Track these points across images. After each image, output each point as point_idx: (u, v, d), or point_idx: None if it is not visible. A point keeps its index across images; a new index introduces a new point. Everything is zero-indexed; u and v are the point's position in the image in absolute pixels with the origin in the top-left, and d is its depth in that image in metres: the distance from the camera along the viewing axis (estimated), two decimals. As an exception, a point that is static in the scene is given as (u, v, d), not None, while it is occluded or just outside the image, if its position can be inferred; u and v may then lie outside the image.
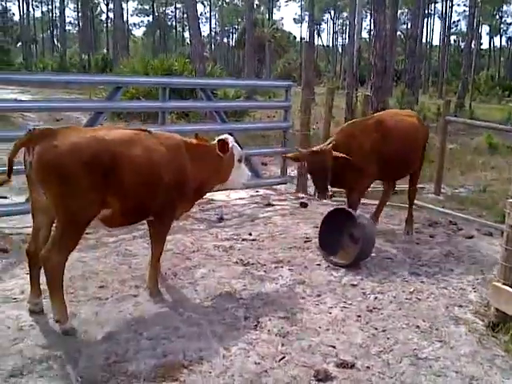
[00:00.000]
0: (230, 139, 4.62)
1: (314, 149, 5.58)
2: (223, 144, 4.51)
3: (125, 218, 4.07)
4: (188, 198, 4.43)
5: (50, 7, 79.86)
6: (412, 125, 6.23)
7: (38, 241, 3.83)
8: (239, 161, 4.71)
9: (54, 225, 3.79)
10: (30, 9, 73.25)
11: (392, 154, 5.83)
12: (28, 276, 4.00)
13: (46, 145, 3.52)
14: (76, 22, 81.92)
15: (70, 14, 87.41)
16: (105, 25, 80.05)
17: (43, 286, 3.77)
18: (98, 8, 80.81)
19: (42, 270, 3.70)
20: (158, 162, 4.01)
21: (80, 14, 67.50)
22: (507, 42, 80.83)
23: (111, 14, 61.79)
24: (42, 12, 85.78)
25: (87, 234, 5.89)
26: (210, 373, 3.30)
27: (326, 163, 5.41)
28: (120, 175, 3.75)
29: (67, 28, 78.63)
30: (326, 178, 5.51)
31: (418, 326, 4.05)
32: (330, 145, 5.52)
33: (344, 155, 5.39)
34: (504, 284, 3.97)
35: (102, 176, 3.65)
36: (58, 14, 64.90)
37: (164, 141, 4.19)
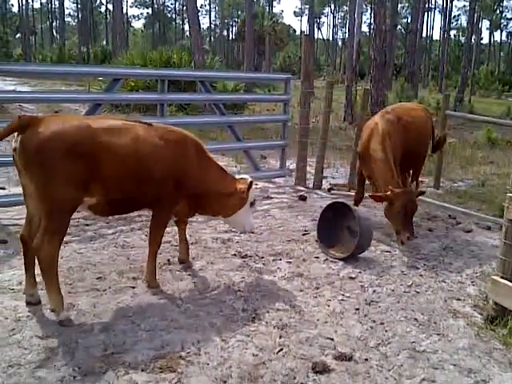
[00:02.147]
0: (250, 181, 4.57)
1: (407, 189, 5.53)
2: (250, 184, 4.52)
3: (112, 208, 4.04)
4: (188, 202, 4.42)
5: (49, -2, 79.55)
6: (424, 118, 6.45)
7: (31, 227, 3.81)
8: (251, 204, 4.67)
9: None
10: (30, 0, 72.95)
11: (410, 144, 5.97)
12: (21, 266, 3.98)
13: (30, 132, 3.51)
14: (75, 14, 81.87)
15: (70, 5, 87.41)
16: (104, 16, 79.84)
17: (39, 276, 3.76)
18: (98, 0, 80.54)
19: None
20: (147, 154, 3.94)
21: (79, 6, 67.24)
22: (507, 36, 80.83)
23: (110, 6, 61.62)
24: (41, 3, 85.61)
25: (86, 225, 5.90)
26: (208, 364, 3.30)
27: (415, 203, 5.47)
28: (102, 164, 3.70)
29: (66, 19, 78.67)
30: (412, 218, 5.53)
31: (416, 319, 4.05)
32: (415, 185, 5.63)
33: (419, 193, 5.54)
34: (502, 278, 3.96)
35: (84, 164, 3.60)
36: (58, 5, 64.76)
37: (164, 134, 4.12)
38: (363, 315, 4.09)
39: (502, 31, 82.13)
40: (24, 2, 63.84)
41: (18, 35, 69.71)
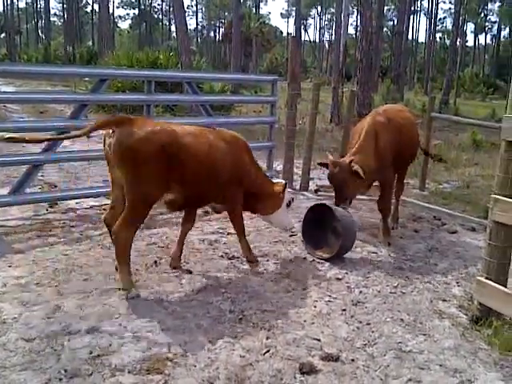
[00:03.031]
0: (285, 183, 5.26)
1: (336, 160, 5.53)
2: (285, 186, 5.16)
3: (186, 203, 4.55)
4: (246, 195, 4.89)
5: (34, -2, 78.87)
6: (412, 120, 6.47)
7: (113, 212, 4.27)
8: (287, 205, 5.21)
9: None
10: (14, -1, 72.24)
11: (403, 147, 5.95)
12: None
13: (125, 130, 3.97)
14: (61, 14, 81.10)
15: (55, 5, 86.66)
16: (90, 17, 79.35)
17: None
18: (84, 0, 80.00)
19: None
20: (216, 157, 4.47)
21: (65, 6, 66.71)
22: (492, 39, 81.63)
23: (96, 6, 61.21)
24: (27, 2, 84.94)
25: (72, 227, 5.86)
26: (195, 366, 3.29)
27: (344, 177, 5.36)
28: (184, 165, 4.19)
29: (52, 19, 77.91)
30: (342, 190, 5.48)
31: (402, 320, 4.08)
32: (350, 158, 5.40)
33: (360, 172, 5.24)
34: (487, 278, 4.00)
35: (168, 163, 4.09)
36: (43, 4, 64.20)
37: (225, 137, 4.67)
38: (350, 316, 4.10)
39: (486, 34, 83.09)
40: (9, 2, 63.24)
41: (3, 35, 69.09)
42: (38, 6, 78.69)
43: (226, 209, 4.94)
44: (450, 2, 70.49)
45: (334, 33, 42.75)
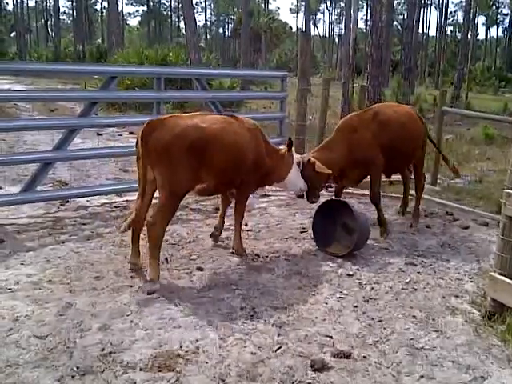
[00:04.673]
0: (290, 141, 5.35)
1: (302, 156, 5.58)
2: (290, 143, 5.28)
3: (215, 190, 4.91)
4: (259, 179, 5.12)
5: (44, -4, 79.17)
6: (409, 115, 6.23)
7: (142, 205, 4.48)
8: (298, 164, 5.33)
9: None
10: (24, -2, 72.62)
11: (391, 144, 5.83)
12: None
13: (159, 133, 4.26)
14: (70, 12, 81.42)
15: (64, 3, 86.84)
16: (99, 14, 79.53)
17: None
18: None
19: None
20: (242, 144, 4.72)
21: (74, 4, 66.96)
22: (503, 32, 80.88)
23: (106, 4, 61.30)
24: (36, 1, 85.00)
25: (83, 224, 5.88)
26: (207, 363, 3.29)
27: (305, 172, 5.42)
28: (212, 156, 4.45)
29: (61, 18, 78.18)
30: (309, 184, 5.49)
31: (414, 316, 4.05)
32: (310, 156, 5.54)
33: (317, 166, 5.36)
34: (500, 274, 3.97)
35: (199, 157, 4.36)
36: (52, 3, 64.41)
37: (246, 125, 4.90)
38: (361, 312, 4.08)
39: (498, 27, 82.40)
40: (19, 1, 63.59)
41: (13, 34, 69.46)
42: (48, 4, 78.98)
43: (238, 193, 5.10)
44: (461, -5, 69.91)
45: (343, 27, 42.57)
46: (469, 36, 36.40)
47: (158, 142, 4.24)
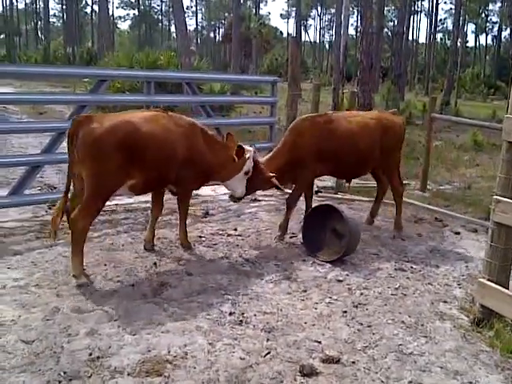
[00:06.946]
0: (251, 152, 5.30)
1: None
2: (240, 151, 5.20)
3: (147, 186, 4.83)
4: (199, 175, 5.14)
5: (34, -1, 78.82)
6: (365, 125, 6.09)
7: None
8: (245, 173, 5.31)
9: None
10: (14, 0, 72.29)
11: (340, 151, 5.84)
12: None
13: (87, 129, 4.25)
14: (60, 15, 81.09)
15: (54, 6, 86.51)
16: (90, 17, 79.34)
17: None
18: (83, 0, 79.96)
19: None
20: (174, 140, 4.74)
21: (64, 6, 66.70)
22: (492, 40, 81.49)
23: (96, 7, 61.20)
24: (26, 3, 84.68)
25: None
26: (195, 368, 3.27)
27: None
28: (141, 152, 4.45)
29: (51, 20, 77.91)
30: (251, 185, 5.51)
31: (403, 322, 4.06)
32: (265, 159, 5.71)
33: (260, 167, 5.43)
34: (489, 280, 3.98)
35: (128, 153, 4.35)
36: (42, 5, 64.16)
37: (180, 121, 4.91)
38: (351, 318, 4.08)
39: (487, 35, 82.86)
40: (8, 3, 63.27)
41: (2, 36, 69.07)
42: (38, 6, 78.67)
43: (178, 190, 5.15)
44: (451, 3, 70.44)
45: (334, 33, 42.74)
46: (458, 43, 36.76)
47: (87, 137, 4.23)
